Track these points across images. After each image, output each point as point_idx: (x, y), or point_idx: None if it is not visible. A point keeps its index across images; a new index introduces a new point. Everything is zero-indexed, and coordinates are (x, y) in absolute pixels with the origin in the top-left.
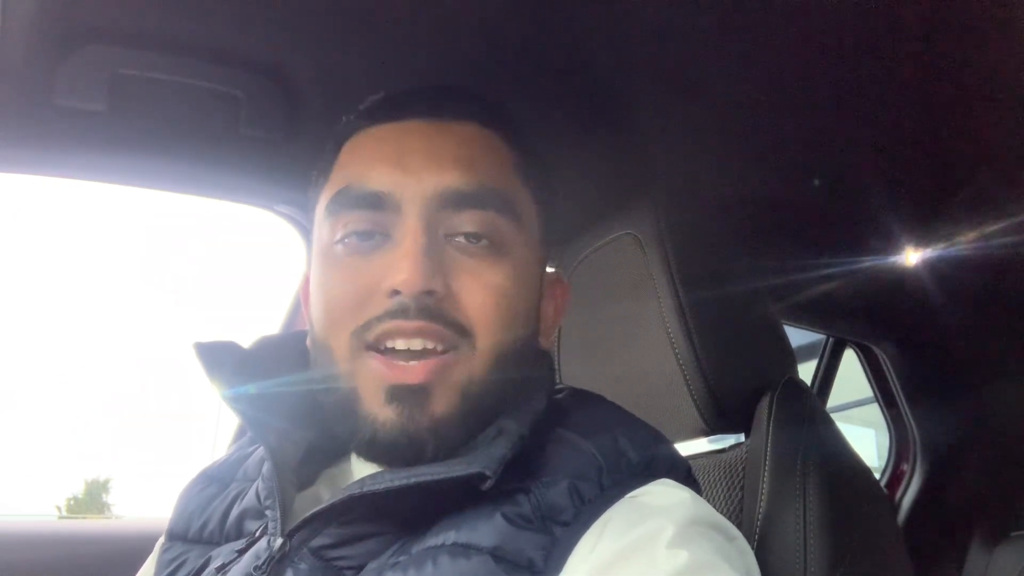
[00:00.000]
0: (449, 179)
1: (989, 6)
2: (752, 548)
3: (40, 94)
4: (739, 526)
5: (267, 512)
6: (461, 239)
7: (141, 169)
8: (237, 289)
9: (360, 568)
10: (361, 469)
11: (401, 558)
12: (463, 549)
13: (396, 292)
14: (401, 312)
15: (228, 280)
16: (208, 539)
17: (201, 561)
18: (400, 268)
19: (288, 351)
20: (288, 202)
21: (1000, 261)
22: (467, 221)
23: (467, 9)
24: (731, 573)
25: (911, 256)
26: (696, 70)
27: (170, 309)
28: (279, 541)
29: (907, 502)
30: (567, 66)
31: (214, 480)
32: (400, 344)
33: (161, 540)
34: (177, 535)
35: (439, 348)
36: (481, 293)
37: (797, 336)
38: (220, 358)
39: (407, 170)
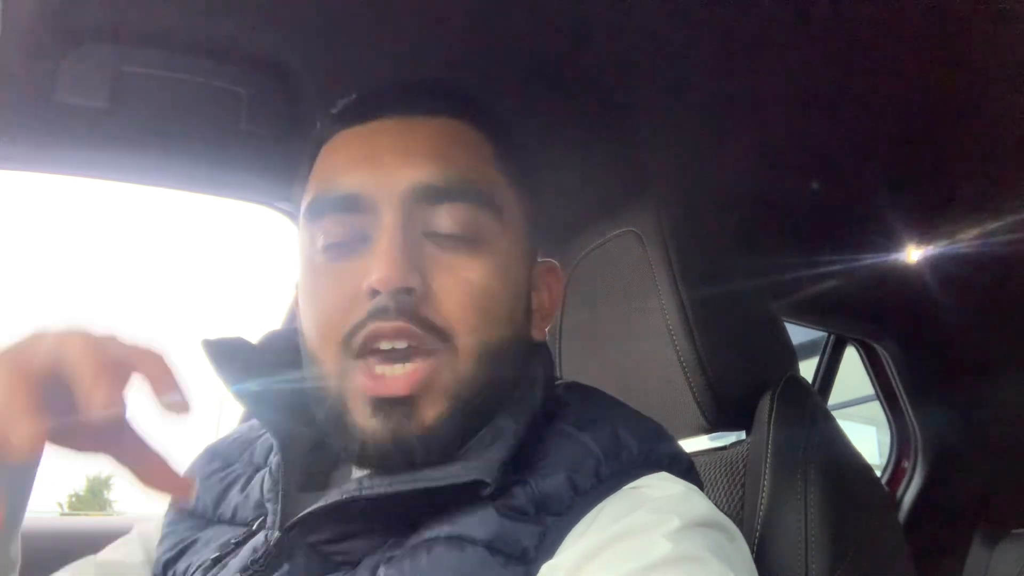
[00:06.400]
0: (422, 174)
1: (989, 3)
2: (753, 545)
3: (42, 91)
4: (740, 524)
5: (267, 504)
6: (439, 235)
7: (143, 166)
8: (238, 286)
9: (357, 563)
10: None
11: (396, 551)
12: (458, 541)
13: (375, 292)
14: (381, 312)
15: (228, 277)
16: (202, 514)
17: (191, 538)
18: (376, 267)
19: (295, 346)
20: (289, 199)
21: (1002, 259)
22: (444, 216)
23: (469, 8)
24: (722, 569)
25: (913, 253)
26: (697, 68)
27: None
28: (276, 535)
29: (908, 499)
30: (568, 65)
31: (218, 456)
32: (384, 345)
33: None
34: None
35: (422, 348)
36: (460, 291)
37: (798, 333)
38: (229, 355)
39: (378, 169)
